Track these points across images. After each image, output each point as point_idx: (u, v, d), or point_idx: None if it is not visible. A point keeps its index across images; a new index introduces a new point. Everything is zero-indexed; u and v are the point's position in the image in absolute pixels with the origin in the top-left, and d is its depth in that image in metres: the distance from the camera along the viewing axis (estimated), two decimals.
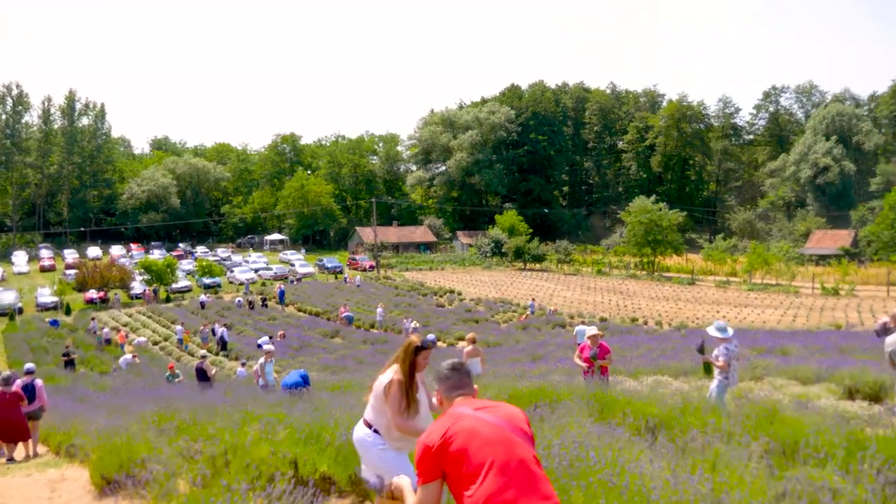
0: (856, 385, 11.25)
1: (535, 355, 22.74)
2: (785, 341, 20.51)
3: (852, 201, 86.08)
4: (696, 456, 5.30)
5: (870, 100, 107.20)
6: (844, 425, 6.26)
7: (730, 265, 58.15)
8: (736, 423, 6.40)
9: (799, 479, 4.73)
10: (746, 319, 35.64)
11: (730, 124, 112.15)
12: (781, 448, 6.07)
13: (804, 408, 7.93)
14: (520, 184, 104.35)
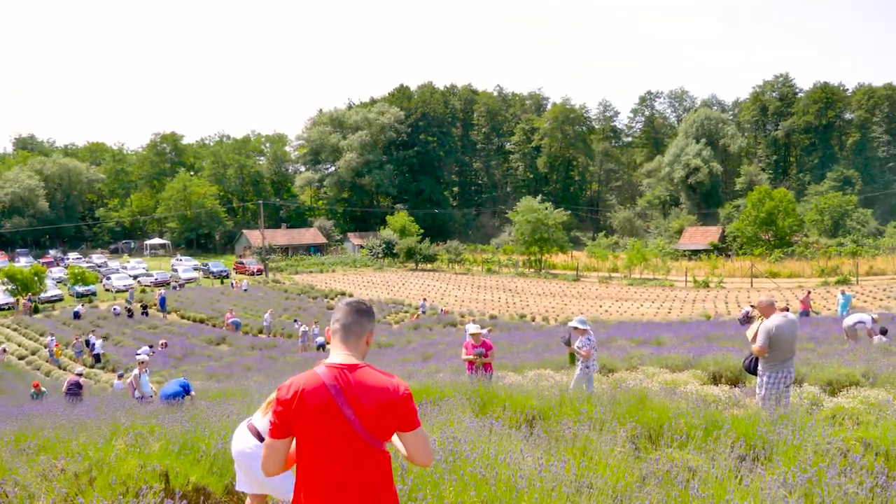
0: (719, 370, 12.06)
1: (426, 354, 22.89)
2: (660, 332, 21.71)
3: (720, 200, 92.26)
4: (568, 444, 5.51)
5: (734, 105, 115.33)
6: (704, 408, 6.70)
7: (611, 261, 60.82)
8: (607, 411, 6.71)
9: (659, 460, 5.02)
10: (627, 312, 37.40)
11: (610, 127, 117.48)
12: (648, 433, 6.43)
13: (671, 394, 8.42)
14: (410, 184, 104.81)
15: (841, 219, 68.54)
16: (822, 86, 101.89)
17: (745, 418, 6.23)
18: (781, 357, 7.12)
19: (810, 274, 48.20)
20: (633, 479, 4.83)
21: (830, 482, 3.82)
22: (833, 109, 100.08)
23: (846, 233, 65.79)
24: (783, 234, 65.55)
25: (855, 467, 4.19)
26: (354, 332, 2.73)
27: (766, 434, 5.43)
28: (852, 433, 5.59)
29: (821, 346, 16.02)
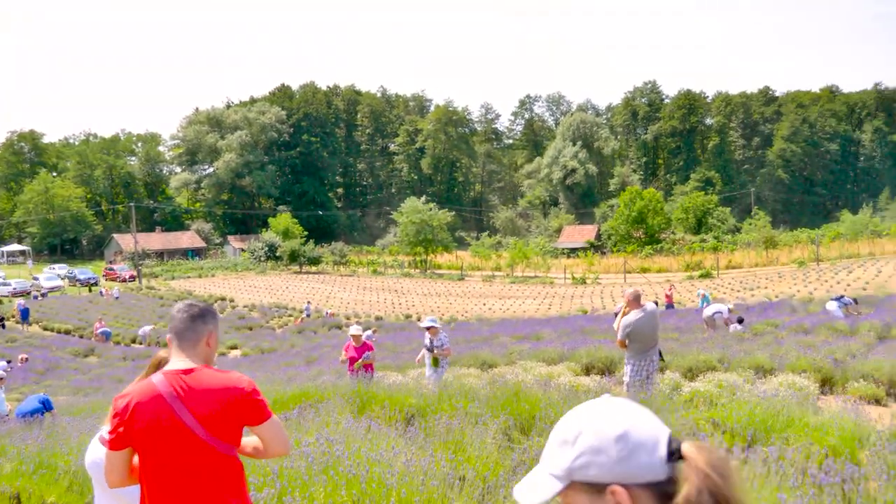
0: (592, 362, 12.66)
1: (310, 358, 22.55)
2: (539, 328, 22.47)
3: (596, 200, 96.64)
4: (442, 440, 5.61)
5: (607, 110, 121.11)
6: (574, 398, 7.02)
7: (495, 260, 62.26)
8: (482, 405, 6.89)
9: (529, 449, 5.21)
10: (509, 310, 38.41)
11: (491, 129, 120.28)
12: (521, 424, 6.66)
13: (545, 386, 8.75)
14: (293, 186, 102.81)
15: (703, 217, 73.50)
16: (686, 93, 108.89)
17: None
18: (642, 348, 7.59)
19: (677, 269, 51.41)
20: (504, 470, 4.98)
21: None
22: (695, 115, 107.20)
23: (708, 230, 70.62)
24: (653, 232, 69.48)
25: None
26: (189, 338, 2.65)
27: None
28: (703, 414, 6.04)
29: (684, 335, 17.16)
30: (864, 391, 9.26)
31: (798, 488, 3.74)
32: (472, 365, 13.58)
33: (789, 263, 45.88)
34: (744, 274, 44.83)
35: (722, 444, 4.66)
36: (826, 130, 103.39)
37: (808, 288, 32.57)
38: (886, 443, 4.87)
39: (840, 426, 5.43)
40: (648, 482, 1.12)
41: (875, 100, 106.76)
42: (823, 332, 15.98)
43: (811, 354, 11.13)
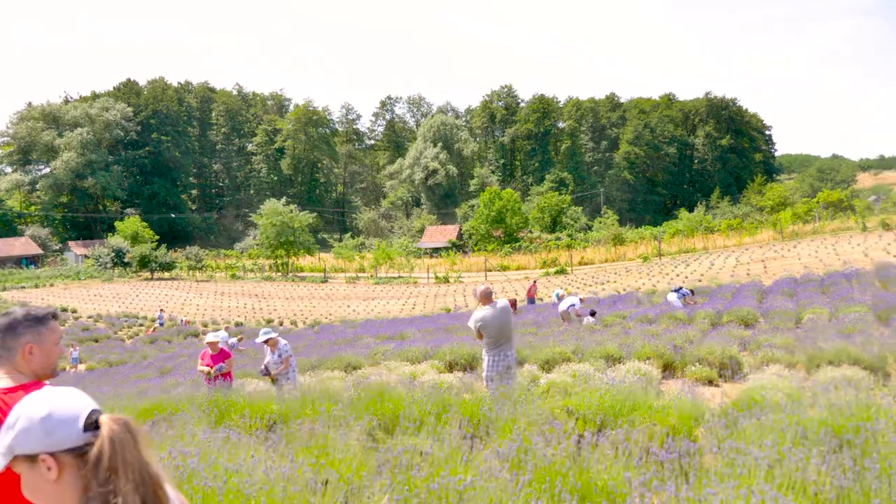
0: (455, 359, 12.90)
1: (164, 369, 21.38)
2: (403, 327, 22.60)
3: (457, 200, 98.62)
4: (305, 444, 5.51)
5: (466, 112, 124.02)
6: (437, 395, 7.12)
7: (358, 262, 61.92)
8: (345, 407, 6.83)
9: (393, 449, 5.23)
10: (374, 311, 38.33)
11: (353, 130, 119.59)
12: (386, 424, 6.68)
13: (410, 385, 8.83)
14: (143, 187, 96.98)
15: (558, 216, 77.02)
16: (540, 97, 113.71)
17: (472, 401, 6.72)
18: (496, 343, 7.84)
19: (535, 266, 53.50)
20: (369, 470, 4.97)
21: (535, 448, 4.29)
22: (549, 119, 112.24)
23: (562, 228, 74.11)
24: (511, 231, 71.91)
25: (555, 433, 4.75)
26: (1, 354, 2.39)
27: (488, 412, 5.92)
28: (558, 403, 6.33)
29: (542, 329, 17.89)
30: (700, 374, 10.09)
31: (642, 466, 4.01)
32: (336, 367, 13.44)
33: (635, 259, 49.06)
34: (595, 269, 47.41)
35: (575, 430, 4.91)
36: (665, 135, 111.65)
37: (652, 281, 35.00)
38: (717, 419, 5.33)
39: (678, 407, 5.88)
40: (70, 448, 1.46)
41: (706, 107, 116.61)
42: (665, 321, 17.24)
43: (654, 342, 11.97)
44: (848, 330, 13.32)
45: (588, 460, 4.44)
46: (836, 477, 3.75)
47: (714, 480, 3.60)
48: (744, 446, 4.34)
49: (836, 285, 22.19)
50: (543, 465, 4.11)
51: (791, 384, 7.76)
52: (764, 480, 3.55)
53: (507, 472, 3.90)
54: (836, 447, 4.58)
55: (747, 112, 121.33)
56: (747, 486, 3.30)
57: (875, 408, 5.50)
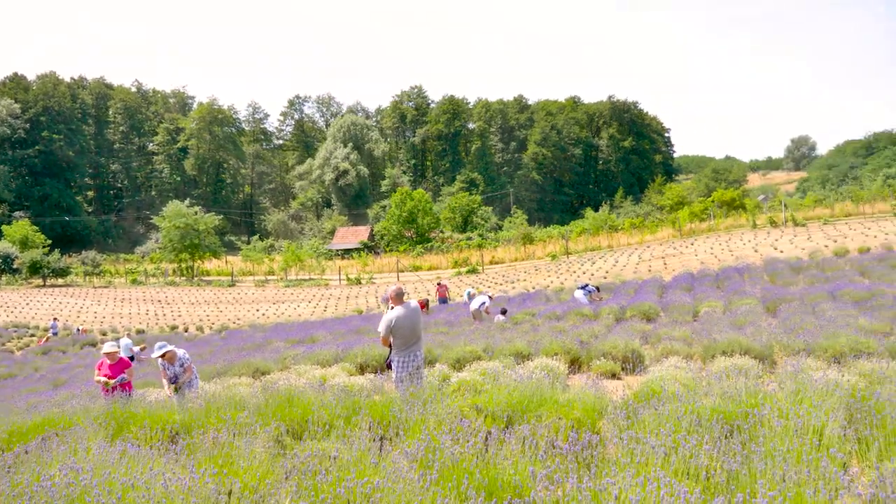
0: (366, 361, 12.82)
1: (57, 381, 20.23)
2: (314, 330, 22.27)
3: (368, 201, 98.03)
4: (209, 454, 5.33)
5: (377, 112, 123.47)
6: (346, 398, 7.05)
7: (267, 264, 60.53)
8: (253, 414, 6.66)
9: (301, 454, 5.14)
10: (284, 314, 37.57)
11: (260, 129, 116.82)
12: (294, 429, 6.56)
13: (319, 388, 8.70)
14: (33, 188, 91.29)
15: (469, 216, 77.84)
16: (450, 98, 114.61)
17: (382, 402, 6.69)
18: (406, 343, 7.85)
19: (447, 266, 53.87)
20: (277, 477, 4.87)
21: (443, 447, 4.31)
22: (459, 120, 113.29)
23: (473, 228, 74.97)
24: (423, 231, 72.13)
25: (464, 431, 4.79)
26: None
27: (398, 414, 5.91)
28: (467, 401, 6.39)
29: (453, 328, 18.04)
30: (605, 367, 10.43)
31: (547, 460, 4.10)
32: (243, 373, 13.09)
33: (544, 257, 50.20)
34: (505, 268, 48.21)
35: (483, 427, 4.97)
36: (571, 136, 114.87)
37: (560, 279, 35.92)
38: (619, 411, 5.52)
39: (583, 401, 6.05)
40: None
41: (609, 110, 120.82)
42: (573, 317, 17.74)
43: (562, 339, 12.29)
44: (740, 322, 14.09)
45: (495, 456, 4.50)
46: (726, 461, 3.96)
47: (614, 470, 3.73)
48: (643, 436, 4.51)
49: (729, 280, 23.44)
50: (451, 463, 4.14)
51: (688, 375, 8.14)
52: (660, 468, 3.71)
53: (415, 473, 3.91)
54: (728, 433, 4.84)
55: (648, 115, 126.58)
56: (644, 474, 3.43)
57: (762, 395, 5.84)
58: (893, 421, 4.99)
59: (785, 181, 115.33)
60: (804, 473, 3.48)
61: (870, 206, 43.11)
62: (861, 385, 7.06)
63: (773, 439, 4.32)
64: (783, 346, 10.57)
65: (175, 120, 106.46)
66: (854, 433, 5.09)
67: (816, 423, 4.78)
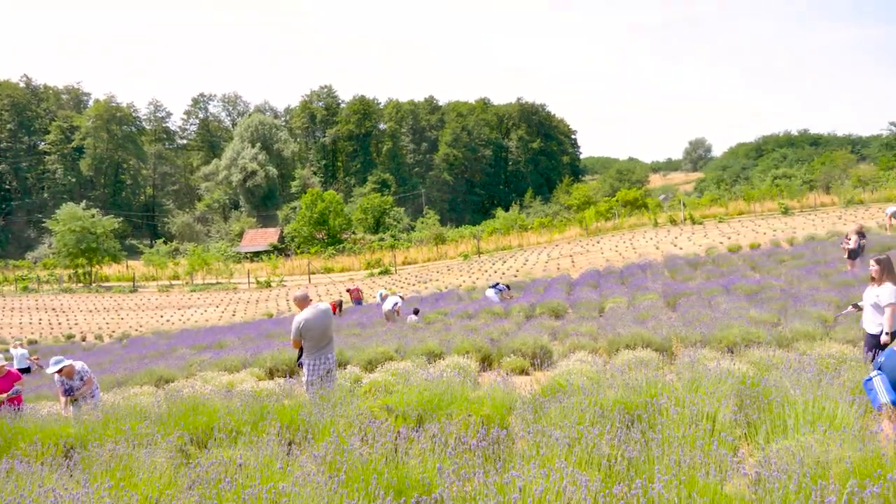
0: (276, 365, 12.57)
1: None
2: (222, 335, 21.63)
3: (278, 202, 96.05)
4: (106, 467, 5.09)
5: (286, 112, 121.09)
6: (254, 403, 6.89)
7: (172, 269, 58.31)
8: (155, 424, 6.41)
9: (205, 462, 4.98)
10: (190, 320, 36.29)
11: (162, 128, 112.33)
12: (199, 437, 6.34)
13: (226, 395, 8.45)
14: None
15: (381, 217, 77.57)
16: (360, 98, 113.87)
17: (291, 406, 6.58)
18: (317, 345, 7.74)
19: (359, 267, 53.48)
20: (179, 488, 4.70)
21: (352, 449, 4.28)
22: (370, 120, 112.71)
23: (386, 229, 74.75)
24: (335, 233, 71.37)
25: (373, 432, 4.77)
26: None
27: (306, 417, 5.82)
28: (378, 402, 6.37)
29: (366, 329, 17.93)
30: (515, 364, 10.63)
31: (456, 457, 4.14)
32: (146, 382, 12.57)
33: (456, 257, 50.62)
34: (418, 269, 48.32)
35: (391, 427, 4.96)
36: (482, 138, 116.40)
37: (472, 278, 36.33)
38: (527, 406, 5.64)
39: (492, 397, 6.15)
40: None
41: (518, 112, 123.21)
42: (484, 316, 17.98)
43: (473, 337, 12.44)
44: (643, 316, 14.66)
45: (404, 456, 4.51)
46: (626, 449, 4.11)
47: (520, 463, 3.80)
48: (548, 429, 4.62)
49: (633, 276, 24.36)
50: (360, 464, 4.11)
51: (593, 368, 8.40)
52: (564, 459, 3.81)
53: (323, 476, 3.86)
54: (629, 422, 5.02)
55: (555, 117, 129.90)
56: (549, 465, 3.52)
57: (661, 385, 6.10)
58: (779, 405, 5.31)
59: (684, 181, 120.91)
60: (697, 458, 3.66)
61: (760, 204, 45.80)
62: (751, 373, 7.48)
63: (669, 427, 4.52)
64: (681, 339, 11.07)
65: (69, 118, 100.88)
66: (744, 418, 5.39)
67: (709, 410, 5.03)
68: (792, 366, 6.78)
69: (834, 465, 3.64)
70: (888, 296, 7.23)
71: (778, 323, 12.14)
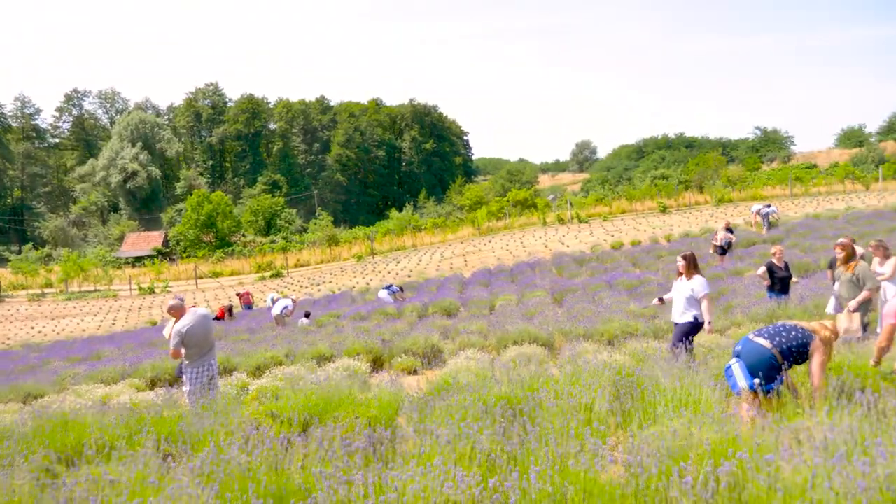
0: (158, 375, 12.02)
1: None
2: (100, 346, 20.45)
3: (161, 204, 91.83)
4: None
5: (169, 110, 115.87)
6: (131, 416, 6.56)
7: (44, 276, 54.52)
8: (18, 442, 5.97)
9: (70, 481, 4.69)
10: (65, 330, 34.08)
11: (31, 126, 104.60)
12: (69, 455, 5.97)
13: (102, 408, 8.00)
14: None
15: (272, 219, 75.76)
16: (249, 97, 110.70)
17: (171, 417, 6.32)
18: (199, 353, 7.47)
19: (249, 270, 51.97)
20: None
21: (231, 458, 4.15)
22: (259, 119, 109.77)
23: (277, 231, 73.07)
24: (223, 235, 69.07)
25: (255, 440, 4.66)
26: None
27: (186, 428, 5.61)
28: (262, 408, 6.22)
29: (255, 335, 17.46)
30: (406, 364, 10.67)
31: (336, 460, 4.10)
32: (11, 399, 11.69)
33: (350, 258, 50.15)
34: (311, 271, 47.53)
35: (271, 433, 4.86)
36: (375, 138, 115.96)
37: (366, 279, 36.13)
38: (413, 406, 5.67)
39: (379, 398, 6.14)
40: None
41: (411, 113, 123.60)
42: (377, 317, 17.95)
43: (365, 338, 12.38)
44: (530, 312, 15.09)
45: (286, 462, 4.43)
46: (506, 444, 4.22)
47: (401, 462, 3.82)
48: (433, 427, 4.67)
49: (522, 274, 25.01)
50: (239, 473, 4.01)
51: (480, 365, 8.57)
52: (445, 456, 3.86)
53: (198, 488, 3.72)
54: (512, 417, 5.16)
55: (447, 118, 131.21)
56: (428, 463, 3.56)
57: (543, 378, 6.30)
58: (651, 393, 5.61)
59: (571, 182, 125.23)
60: (570, 448, 3.81)
61: (641, 203, 48.16)
62: (628, 364, 7.87)
63: (548, 419, 4.68)
64: (566, 333, 11.47)
65: None
66: (620, 407, 5.66)
67: (587, 401, 5.24)
68: (664, 356, 7.18)
69: (695, 448, 3.89)
70: (701, 288, 7.85)
71: (655, 315, 12.80)
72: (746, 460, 3.34)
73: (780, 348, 5.42)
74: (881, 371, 5.95)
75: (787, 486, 3.17)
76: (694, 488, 3.28)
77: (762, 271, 11.39)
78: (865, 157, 65.38)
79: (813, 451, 3.54)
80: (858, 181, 46.60)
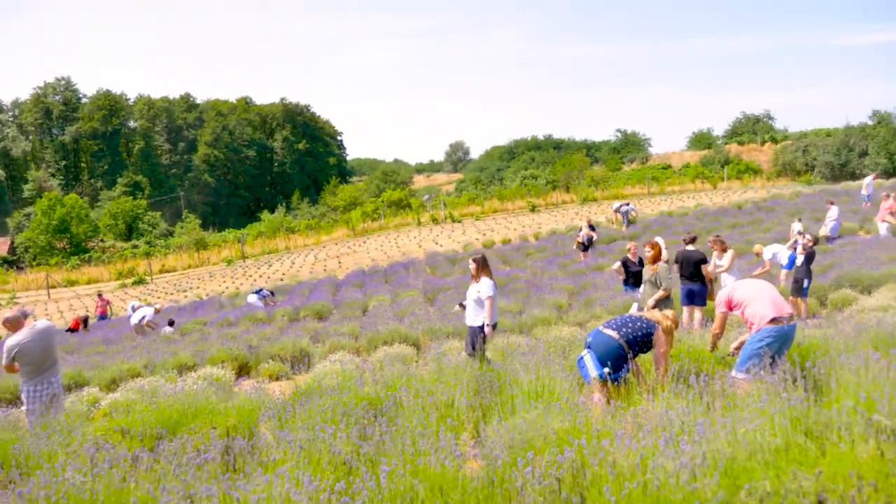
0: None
1: None
2: None
3: (7, 208, 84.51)
4: None
5: (14, 106, 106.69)
6: None
7: None
8: None
9: None
10: None
11: None
12: None
13: None
14: None
15: (134, 222, 71.64)
16: (105, 93, 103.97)
17: (4, 440, 5.83)
18: (37, 369, 6.91)
19: (109, 278, 48.84)
20: None
21: (67, 480, 3.88)
22: (118, 117, 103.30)
23: (140, 235, 69.16)
24: (79, 241, 64.54)
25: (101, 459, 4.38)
26: None
27: (19, 451, 5.19)
28: (111, 424, 5.87)
29: (112, 346, 16.43)
30: (273, 370, 10.42)
31: (186, 472, 3.94)
32: None
33: (219, 263, 48.28)
34: (178, 276, 45.35)
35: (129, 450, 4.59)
36: (244, 138, 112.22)
37: (236, 283, 34.90)
38: (272, 412, 5.55)
39: (238, 407, 5.96)
40: None
41: (282, 112, 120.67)
42: (245, 322, 17.39)
43: (230, 345, 11.97)
44: (403, 312, 15.18)
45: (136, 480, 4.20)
46: (362, 445, 4.21)
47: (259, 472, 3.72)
48: (291, 434, 4.59)
49: (396, 274, 25.09)
50: (76, 496, 3.75)
51: (347, 368, 8.51)
52: (298, 462, 3.80)
53: None
54: (373, 418, 5.15)
55: (320, 119, 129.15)
56: (275, 471, 3.49)
57: (406, 377, 6.34)
58: (510, 387, 5.79)
59: (446, 182, 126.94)
60: (424, 445, 3.85)
61: (511, 203, 49.62)
62: (492, 359, 8.08)
63: (406, 418, 4.72)
64: (434, 332, 11.61)
65: None
66: (479, 402, 5.79)
67: (446, 399, 5.33)
68: (523, 350, 7.43)
69: (543, 438, 4.05)
70: (486, 289, 8.01)
71: (522, 311, 13.23)
72: (585, 447, 3.52)
73: (626, 338, 5.76)
74: (717, 355, 6.47)
75: (621, 469, 3.37)
76: (536, 476, 3.41)
77: (617, 266, 12.03)
78: (713, 158, 70.58)
79: (648, 434, 3.79)
80: (707, 180, 50.42)
